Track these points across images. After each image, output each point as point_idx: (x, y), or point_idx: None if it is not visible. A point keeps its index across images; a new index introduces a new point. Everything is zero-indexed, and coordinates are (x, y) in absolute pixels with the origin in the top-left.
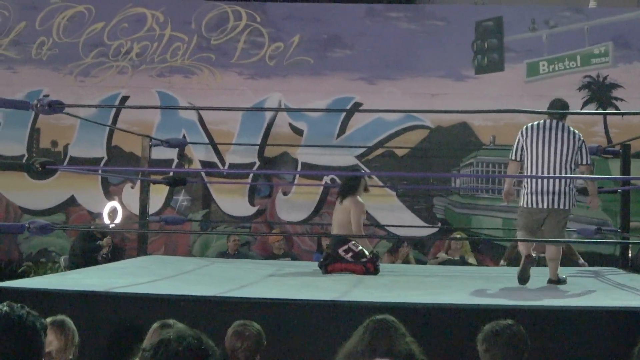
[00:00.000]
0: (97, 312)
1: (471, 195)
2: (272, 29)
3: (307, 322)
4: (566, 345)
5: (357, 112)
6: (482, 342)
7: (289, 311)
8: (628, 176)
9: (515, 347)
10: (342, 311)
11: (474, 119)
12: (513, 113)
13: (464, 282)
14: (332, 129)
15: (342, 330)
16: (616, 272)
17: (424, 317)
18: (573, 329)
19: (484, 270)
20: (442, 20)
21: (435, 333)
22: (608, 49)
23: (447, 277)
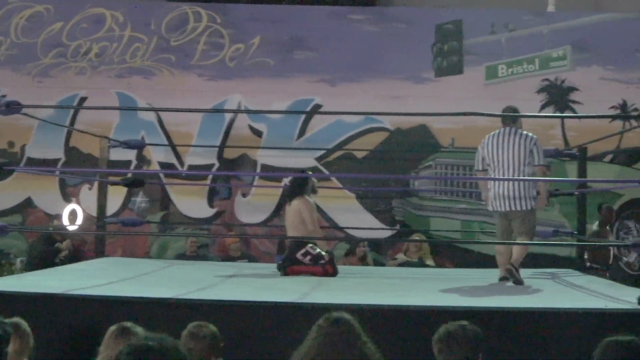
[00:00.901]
0: (54, 314)
1: (430, 197)
2: (232, 30)
3: (266, 324)
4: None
5: (317, 114)
6: (436, 343)
7: (249, 313)
8: (585, 179)
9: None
10: (302, 313)
11: (434, 121)
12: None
13: (424, 283)
14: (292, 131)
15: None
16: (573, 274)
17: (384, 319)
18: (530, 330)
19: (442, 272)
20: (403, 23)
21: (395, 335)
22: (566, 53)
23: (407, 279)
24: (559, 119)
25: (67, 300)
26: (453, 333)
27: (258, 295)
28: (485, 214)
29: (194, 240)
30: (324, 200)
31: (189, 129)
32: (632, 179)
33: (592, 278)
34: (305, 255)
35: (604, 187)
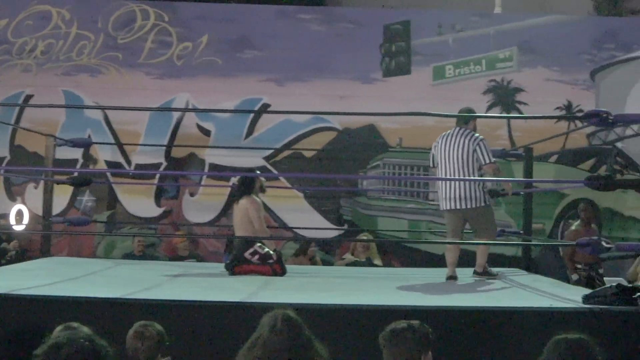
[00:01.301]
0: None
1: (378, 197)
2: (180, 28)
3: (214, 323)
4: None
5: (266, 113)
6: (382, 341)
7: (196, 313)
8: (530, 179)
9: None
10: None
11: (382, 121)
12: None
13: (371, 283)
14: (240, 130)
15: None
16: (519, 274)
17: (332, 318)
18: (478, 329)
19: (390, 272)
20: (351, 23)
21: (342, 334)
22: (513, 54)
23: (355, 279)
24: (505, 119)
25: (11, 300)
26: (399, 332)
27: (205, 295)
28: (433, 213)
29: (141, 240)
30: (272, 199)
31: (136, 128)
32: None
33: (538, 277)
34: (253, 255)
35: (550, 187)
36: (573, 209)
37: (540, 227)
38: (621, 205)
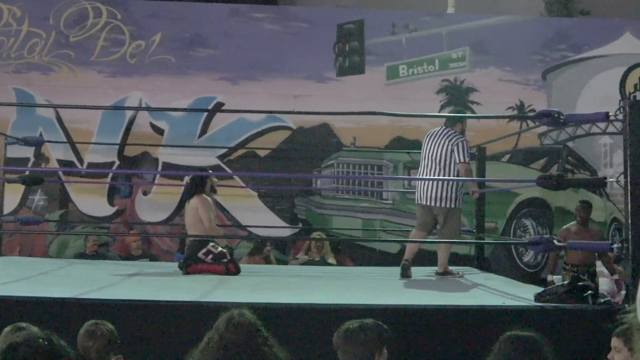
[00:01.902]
0: None
1: (332, 196)
2: (133, 26)
3: (167, 323)
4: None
5: (219, 112)
6: (337, 340)
7: (149, 312)
8: (483, 178)
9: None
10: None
11: (335, 120)
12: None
13: (325, 282)
14: (193, 129)
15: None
16: (472, 272)
17: (286, 317)
18: (432, 327)
19: (344, 270)
20: (305, 22)
21: (297, 332)
22: (465, 54)
23: (309, 278)
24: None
25: None
26: (353, 330)
27: (158, 295)
28: (387, 212)
29: (94, 239)
30: (226, 198)
31: (88, 126)
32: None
33: (491, 275)
34: (207, 255)
35: (502, 186)
36: (525, 207)
37: (493, 226)
38: (573, 205)
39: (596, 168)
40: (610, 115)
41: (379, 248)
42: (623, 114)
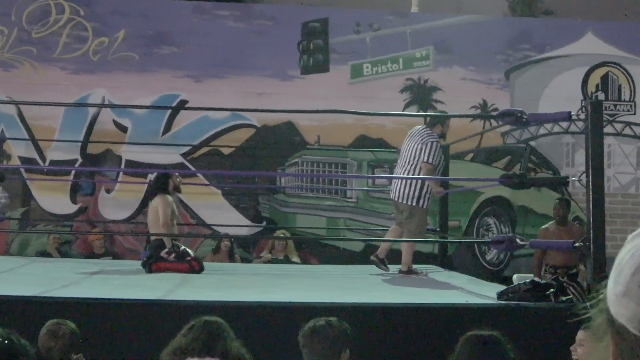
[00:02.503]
0: None
1: (296, 194)
2: (96, 23)
3: (130, 321)
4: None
5: (183, 109)
6: (302, 339)
7: (112, 311)
8: (447, 177)
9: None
10: (166, 310)
11: (300, 118)
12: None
13: (289, 280)
14: (157, 127)
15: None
16: (436, 270)
17: (251, 316)
18: (396, 325)
19: (308, 269)
20: (269, 20)
21: (262, 331)
22: (429, 53)
23: (273, 276)
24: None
25: None
26: (317, 329)
27: (121, 293)
28: (351, 210)
29: (57, 237)
30: (190, 197)
31: (51, 123)
32: (491, 177)
33: (454, 274)
34: (169, 254)
35: (465, 185)
36: (488, 206)
37: (456, 224)
38: (535, 203)
39: (558, 167)
40: (573, 115)
41: (343, 246)
42: (585, 113)
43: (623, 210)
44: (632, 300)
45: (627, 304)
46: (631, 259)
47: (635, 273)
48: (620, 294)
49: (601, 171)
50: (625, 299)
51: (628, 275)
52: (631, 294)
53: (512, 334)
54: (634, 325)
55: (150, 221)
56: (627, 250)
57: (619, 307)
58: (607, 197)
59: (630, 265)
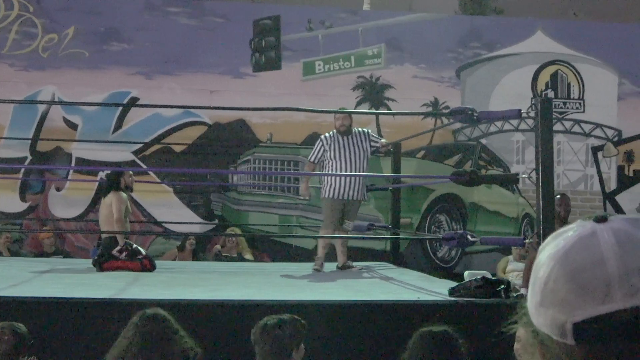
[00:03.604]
0: None
1: (249, 192)
2: (46, 19)
3: (81, 321)
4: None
5: (134, 107)
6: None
7: (63, 310)
8: (399, 174)
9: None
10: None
11: (252, 116)
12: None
13: (241, 278)
14: (108, 124)
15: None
16: (387, 267)
17: (202, 314)
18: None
19: (261, 266)
20: (221, 17)
21: (214, 329)
22: (381, 51)
23: (225, 274)
24: (373, 115)
25: None
26: (268, 327)
27: (72, 292)
28: (303, 208)
29: (7, 236)
30: (141, 194)
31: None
32: (443, 175)
33: (405, 270)
34: (121, 252)
35: (417, 182)
36: (439, 203)
37: (408, 221)
38: (486, 200)
39: (509, 164)
40: (523, 113)
41: (295, 244)
42: (535, 111)
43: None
44: (549, 307)
45: (546, 312)
46: (543, 268)
47: (547, 281)
48: (538, 304)
49: (551, 168)
50: (542, 308)
51: (542, 283)
52: (547, 303)
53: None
54: (554, 331)
55: (103, 218)
56: (540, 260)
57: (539, 317)
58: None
59: (543, 274)
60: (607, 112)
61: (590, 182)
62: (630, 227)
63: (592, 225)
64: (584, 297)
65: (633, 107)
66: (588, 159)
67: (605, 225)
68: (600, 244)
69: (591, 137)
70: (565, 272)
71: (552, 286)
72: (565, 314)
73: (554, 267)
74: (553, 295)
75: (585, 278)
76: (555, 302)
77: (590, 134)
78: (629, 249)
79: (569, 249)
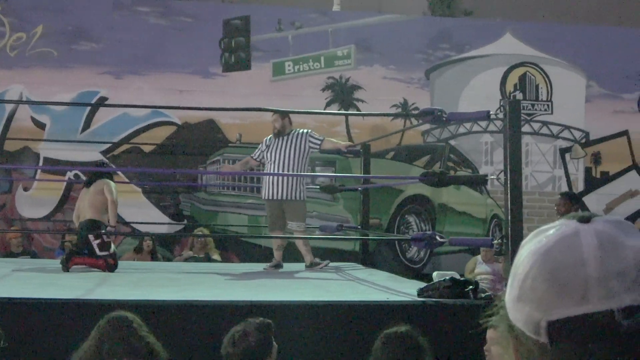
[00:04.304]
0: None
1: (218, 192)
2: (13, 18)
3: (50, 322)
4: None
5: (103, 106)
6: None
7: (32, 311)
8: (368, 175)
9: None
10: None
11: (221, 116)
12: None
13: (209, 278)
14: (76, 124)
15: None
16: (357, 268)
17: (171, 314)
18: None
19: (229, 267)
20: (190, 17)
21: (183, 330)
22: (351, 52)
23: (193, 274)
24: (343, 116)
25: None
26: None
27: (41, 293)
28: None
29: None
30: None
31: None
32: (412, 176)
33: (374, 271)
34: (96, 238)
35: (386, 183)
36: (408, 204)
37: (377, 222)
38: (454, 201)
39: (477, 165)
40: (491, 114)
41: (264, 244)
42: (503, 112)
43: (540, 208)
44: (526, 304)
45: (522, 308)
46: (523, 263)
47: (526, 277)
48: (515, 299)
49: (519, 169)
50: (520, 303)
51: (521, 279)
52: (524, 299)
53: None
54: (529, 328)
55: (89, 202)
56: (520, 256)
57: (516, 312)
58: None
59: (522, 270)
60: (575, 114)
61: (558, 184)
62: (613, 230)
63: (575, 225)
64: (561, 297)
65: (600, 109)
66: (556, 160)
67: (589, 226)
68: (582, 245)
69: (559, 139)
70: (544, 270)
71: (530, 283)
72: (541, 311)
73: (534, 264)
74: (531, 292)
75: (564, 278)
76: (533, 299)
77: (558, 136)
78: (610, 252)
79: (550, 247)
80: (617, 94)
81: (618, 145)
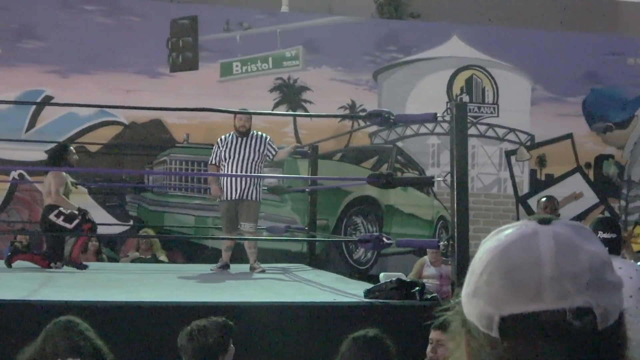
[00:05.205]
0: None
1: (164, 193)
2: None
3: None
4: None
5: (48, 105)
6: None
7: None
8: (315, 176)
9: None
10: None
11: (168, 116)
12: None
13: (156, 279)
14: (20, 123)
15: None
16: (304, 269)
17: (117, 316)
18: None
19: (175, 268)
20: (138, 16)
21: (131, 331)
22: (299, 53)
23: (140, 275)
24: (291, 117)
25: None
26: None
27: None
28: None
29: None
30: None
31: None
32: (359, 177)
33: (321, 272)
34: (58, 216)
35: (334, 184)
36: (356, 205)
37: (324, 223)
38: (401, 203)
39: (424, 167)
40: (438, 116)
41: (211, 245)
42: (450, 115)
43: (486, 210)
44: (481, 298)
45: (477, 303)
46: (480, 260)
47: (483, 273)
48: (470, 293)
49: (465, 171)
50: (474, 298)
51: (477, 275)
52: (479, 294)
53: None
54: (482, 323)
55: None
56: (479, 253)
57: (470, 307)
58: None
59: (479, 266)
60: (520, 116)
61: (504, 186)
62: (572, 234)
63: (534, 226)
64: (515, 293)
65: (545, 112)
66: (501, 162)
67: (548, 227)
68: (540, 246)
69: (505, 141)
70: (500, 268)
71: (486, 279)
72: (494, 307)
73: (491, 261)
74: (486, 287)
75: (520, 276)
76: (487, 294)
77: (503, 138)
78: (567, 255)
79: (508, 246)
80: (561, 97)
81: (563, 148)
